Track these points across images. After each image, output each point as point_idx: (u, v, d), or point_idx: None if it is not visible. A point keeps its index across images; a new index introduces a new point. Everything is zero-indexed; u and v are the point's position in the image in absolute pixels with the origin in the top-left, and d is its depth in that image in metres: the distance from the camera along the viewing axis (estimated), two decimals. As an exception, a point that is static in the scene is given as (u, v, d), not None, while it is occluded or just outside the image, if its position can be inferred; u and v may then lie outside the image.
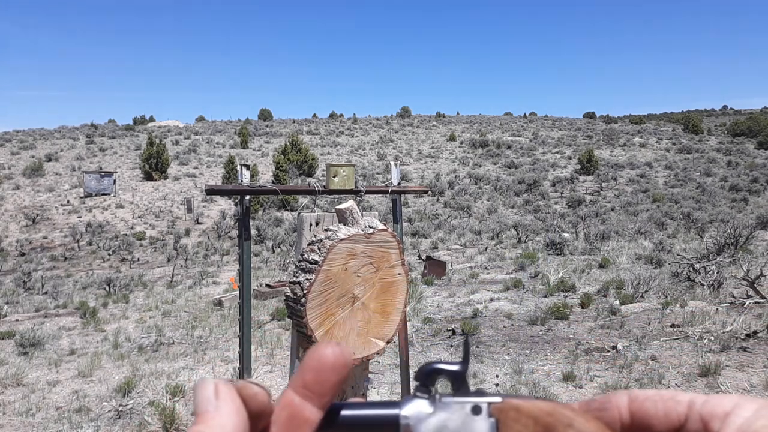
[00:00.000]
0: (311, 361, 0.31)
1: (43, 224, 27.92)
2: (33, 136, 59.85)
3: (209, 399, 0.29)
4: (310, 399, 0.31)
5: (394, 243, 2.30)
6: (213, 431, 0.28)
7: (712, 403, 0.30)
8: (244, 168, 2.83)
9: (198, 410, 0.29)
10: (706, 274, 9.56)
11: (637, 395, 0.33)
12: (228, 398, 0.30)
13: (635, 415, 0.32)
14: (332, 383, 0.31)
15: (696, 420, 0.30)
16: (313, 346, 0.33)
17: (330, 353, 0.31)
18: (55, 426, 5.27)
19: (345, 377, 0.32)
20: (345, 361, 0.31)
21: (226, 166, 34.85)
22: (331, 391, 0.31)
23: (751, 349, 6.24)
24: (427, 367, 0.35)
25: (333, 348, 0.31)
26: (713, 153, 46.91)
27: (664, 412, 0.31)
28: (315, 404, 0.31)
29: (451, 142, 56.82)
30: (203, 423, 0.29)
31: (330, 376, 0.31)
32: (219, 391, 0.30)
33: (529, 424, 0.32)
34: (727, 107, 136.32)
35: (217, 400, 0.29)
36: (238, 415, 0.29)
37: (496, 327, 8.07)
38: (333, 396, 0.32)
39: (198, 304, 11.42)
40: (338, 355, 0.31)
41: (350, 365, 0.32)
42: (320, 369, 0.31)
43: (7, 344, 8.61)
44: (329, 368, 0.31)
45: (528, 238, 19.60)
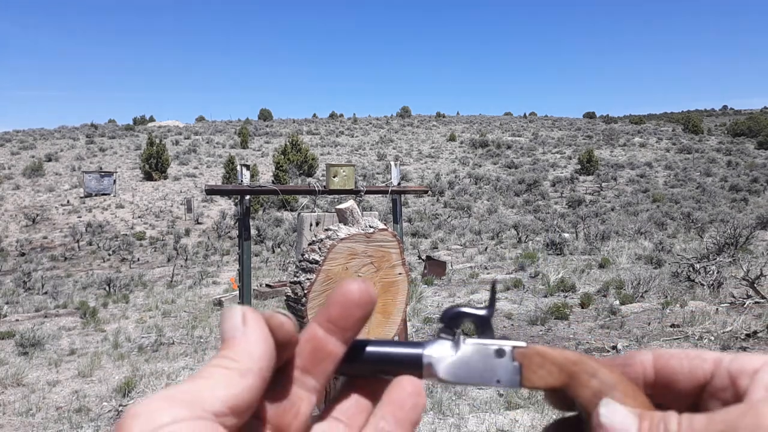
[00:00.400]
0: (337, 296, 0.32)
1: (43, 224, 27.92)
2: (33, 136, 59.85)
3: (236, 326, 0.29)
4: (334, 333, 0.31)
5: (395, 243, 2.30)
6: (240, 356, 0.28)
7: (741, 361, 0.30)
8: (244, 168, 2.83)
9: (225, 336, 0.29)
10: (706, 274, 9.56)
11: (662, 353, 0.33)
12: (256, 325, 0.29)
13: (660, 372, 0.32)
14: (357, 318, 0.31)
15: (723, 377, 0.30)
16: (339, 283, 0.33)
17: (356, 289, 0.31)
18: (55, 426, 5.26)
19: (369, 314, 0.32)
20: (370, 297, 0.32)
21: (226, 166, 34.85)
22: (355, 326, 0.31)
23: (751, 349, 6.24)
24: (452, 310, 0.35)
25: (359, 284, 0.32)
26: (713, 153, 46.92)
27: (689, 368, 0.31)
28: (339, 338, 0.31)
29: (451, 142, 56.84)
30: (230, 348, 0.29)
31: (355, 311, 0.31)
32: (246, 318, 0.30)
33: (553, 371, 0.32)
34: (727, 107, 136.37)
35: (245, 327, 0.29)
36: (265, 342, 0.29)
37: (496, 327, 8.05)
38: (357, 331, 0.32)
39: (198, 304, 11.42)
40: (364, 291, 0.31)
41: (375, 302, 0.32)
42: (346, 304, 0.31)
43: (7, 344, 8.61)
44: (354, 303, 0.31)
45: (528, 238, 19.60)
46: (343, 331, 0.31)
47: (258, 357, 0.28)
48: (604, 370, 0.32)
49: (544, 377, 0.32)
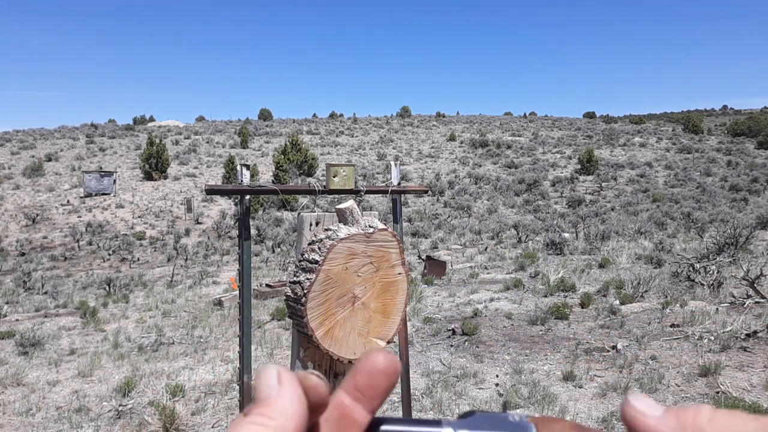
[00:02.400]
0: (364, 365, 0.32)
1: (43, 224, 27.91)
2: (33, 136, 59.84)
3: (272, 385, 0.30)
4: (360, 401, 0.31)
5: (395, 243, 2.30)
6: (275, 415, 0.29)
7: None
8: (244, 168, 2.83)
9: (260, 395, 0.30)
10: (706, 274, 9.56)
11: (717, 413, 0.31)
12: (290, 385, 0.30)
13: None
14: (383, 388, 0.32)
15: None
16: (365, 352, 0.33)
17: (382, 359, 0.32)
18: (55, 426, 5.27)
19: (394, 384, 0.32)
20: (396, 368, 0.32)
21: (226, 166, 34.84)
22: (381, 396, 0.32)
23: (751, 349, 6.24)
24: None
25: (385, 354, 0.32)
26: (713, 153, 46.91)
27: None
28: (365, 407, 0.32)
29: (451, 142, 56.82)
30: (266, 407, 0.29)
31: (381, 381, 0.32)
32: (282, 377, 0.30)
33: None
34: (727, 107, 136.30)
35: (280, 386, 0.30)
36: (299, 403, 0.30)
37: (496, 327, 8.06)
38: (382, 400, 0.32)
39: (198, 304, 11.42)
40: (390, 362, 0.32)
41: (399, 373, 0.32)
42: (373, 373, 0.32)
43: (7, 344, 8.61)
44: (381, 373, 0.32)
45: (528, 238, 19.60)
46: (369, 400, 0.32)
47: (292, 416, 0.29)
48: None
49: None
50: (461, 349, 7.02)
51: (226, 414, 5.37)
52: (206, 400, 5.70)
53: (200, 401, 5.68)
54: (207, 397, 5.81)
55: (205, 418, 5.29)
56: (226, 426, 5.10)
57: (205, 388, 6.04)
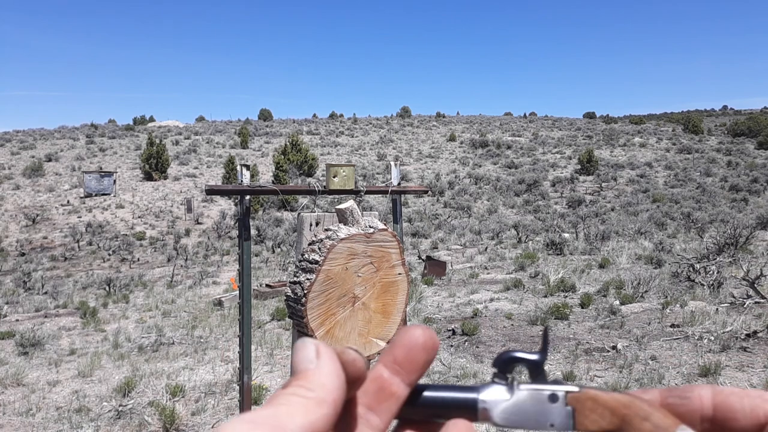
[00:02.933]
0: (403, 338, 0.33)
1: (43, 224, 27.91)
2: (33, 136, 59.84)
3: (310, 358, 0.30)
4: (399, 374, 0.32)
5: (395, 243, 2.30)
6: (314, 387, 0.29)
7: None
8: (244, 168, 2.83)
9: (297, 368, 0.30)
10: (706, 274, 9.56)
11: (722, 389, 0.33)
12: (329, 359, 0.30)
13: (718, 408, 0.32)
14: (422, 362, 0.32)
15: None
16: (404, 327, 0.34)
17: (421, 333, 0.33)
18: (55, 426, 5.27)
19: (433, 358, 0.33)
20: (434, 342, 0.33)
21: (226, 166, 34.84)
22: (420, 370, 0.32)
23: (751, 349, 6.24)
24: (506, 355, 0.35)
25: (424, 329, 0.33)
26: (713, 153, 46.91)
27: (750, 407, 0.31)
28: (403, 380, 0.32)
29: (451, 142, 56.82)
30: (305, 379, 0.29)
31: (420, 354, 0.32)
32: (320, 351, 0.30)
33: (605, 415, 0.32)
34: (727, 107, 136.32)
35: (318, 360, 0.30)
36: (337, 376, 0.30)
37: (496, 327, 8.06)
38: (420, 374, 0.33)
39: (198, 304, 11.42)
40: (428, 336, 0.33)
41: (437, 347, 0.33)
42: (412, 347, 0.32)
43: (7, 344, 8.61)
44: (420, 347, 0.32)
45: (528, 238, 19.60)
46: (408, 373, 0.32)
47: (331, 389, 0.29)
48: (657, 414, 0.32)
49: (597, 421, 0.33)
50: (461, 349, 7.02)
51: (226, 414, 5.37)
52: (206, 400, 5.70)
53: (200, 401, 5.68)
54: (207, 397, 5.80)
55: (205, 418, 5.29)
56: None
57: (205, 388, 6.04)
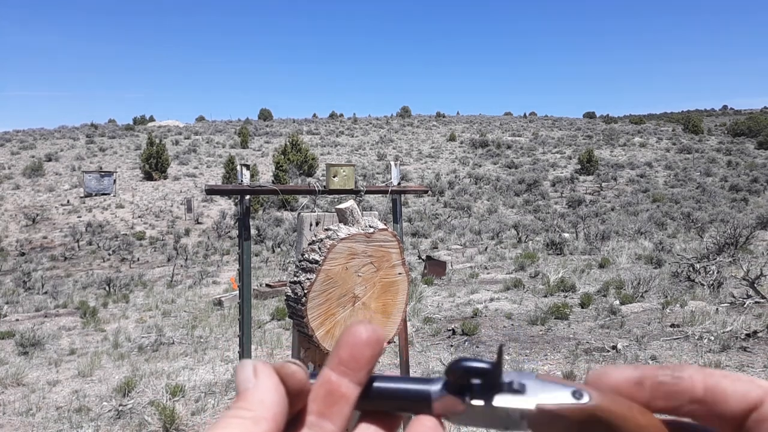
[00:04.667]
0: (346, 338, 0.33)
1: (43, 224, 27.91)
2: (33, 136, 59.86)
3: (248, 378, 0.31)
4: (346, 375, 0.32)
5: (395, 242, 2.30)
6: (253, 406, 0.30)
7: None
8: (244, 168, 2.83)
9: (239, 389, 0.31)
10: (706, 274, 9.57)
11: (713, 372, 0.32)
12: (265, 376, 0.31)
13: (710, 390, 0.32)
14: (367, 358, 0.32)
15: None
16: (346, 326, 0.34)
17: (363, 330, 0.33)
18: (55, 426, 5.27)
19: (379, 353, 0.33)
20: (378, 336, 0.33)
21: (226, 166, 34.85)
22: (366, 367, 0.32)
23: (751, 349, 6.24)
24: (457, 365, 0.34)
25: (365, 325, 0.33)
26: (713, 153, 46.91)
27: (742, 391, 0.31)
28: (352, 380, 0.32)
29: (451, 142, 56.83)
30: (243, 400, 0.30)
31: (364, 351, 0.32)
32: (257, 370, 0.31)
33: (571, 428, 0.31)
34: (727, 107, 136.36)
35: (256, 379, 0.31)
36: (276, 391, 0.30)
37: (496, 327, 8.07)
38: (368, 371, 0.33)
39: (198, 304, 11.42)
40: (371, 332, 0.33)
41: (383, 341, 0.33)
42: (354, 344, 0.32)
43: (7, 344, 8.61)
44: (363, 343, 0.32)
45: (528, 238, 19.60)
46: (354, 372, 0.32)
47: (269, 405, 0.30)
48: (629, 421, 0.31)
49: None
50: (461, 349, 7.02)
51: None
52: (206, 400, 5.70)
53: (200, 401, 5.68)
54: (207, 397, 5.81)
55: (205, 418, 5.29)
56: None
57: (205, 388, 6.04)
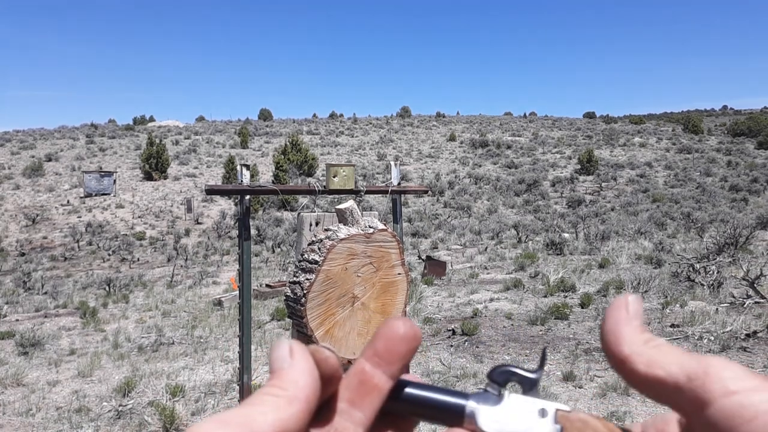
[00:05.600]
0: (383, 330, 0.33)
1: (43, 224, 27.92)
2: (33, 136, 59.87)
3: (284, 357, 0.31)
4: (380, 366, 0.32)
5: (394, 243, 2.30)
6: (288, 386, 0.30)
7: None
8: (244, 168, 2.83)
9: (273, 367, 0.31)
10: (706, 274, 9.57)
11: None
12: (302, 357, 0.31)
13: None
14: (402, 353, 0.33)
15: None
16: (385, 320, 0.35)
17: (401, 324, 0.33)
18: (55, 426, 5.27)
19: (414, 349, 0.33)
20: (415, 333, 0.33)
21: (226, 166, 34.85)
22: (401, 361, 0.33)
23: (751, 349, 6.24)
24: (501, 368, 0.35)
25: (404, 321, 0.33)
26: (713, 153, 46.92)
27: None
28: (385, 372, 0.32)
29: (451, 142, 56.83)
30: (279, 378, 0.30)
31: (400, 345, 0.32)
32: (293, 350, 0.31)
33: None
34: (727, 107, 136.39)
35: (292, 359, 0.31)
36: (310, 374, 0.31)
37: (496, 327, 8.07)
38: (403, 366, 0.33)
39: (198, 304, 11.42)
40: (409, 327, 0.33)
41: (419, 338, 0.33)
42: (391, 338, 0.32)
43: (7, 344, 8.62)
44: (399, 338, 0.33)
45: (528, 238, 19.60)
46: (388, 364, 0.32)
47: (303, 386, 0.30)
48: None
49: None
50: (461, 349, 7.02)
51: (226, 414, 5.36)
52: (206, 400, 5.70)
53: (200, 401, 5.69)
54: (207, 397, 5.81)
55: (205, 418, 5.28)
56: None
57: (205, 388, 6.04)
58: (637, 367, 0.30)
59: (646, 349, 0.31)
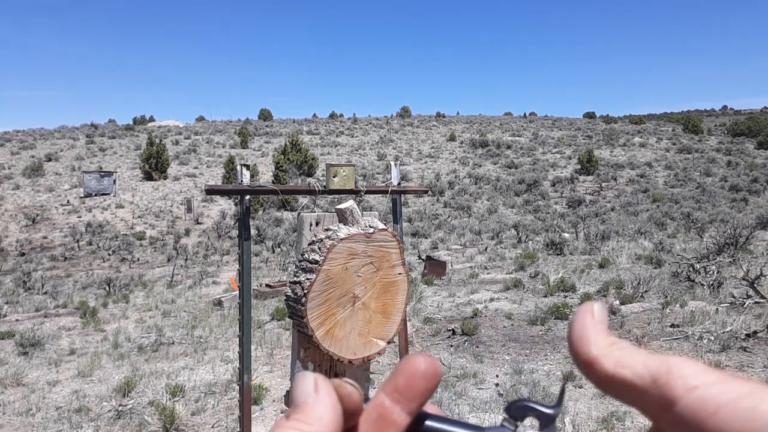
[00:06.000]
0: (405, 367, 0.33)
1: (43, 224, 27.91)
2: (33, 136, 59.87)
3: (308, 392, 0.31)
4: (399, 402, 0.32)
5: (395, 243, 2.30)
6: (312, 421, 0.30)
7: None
8: (244, 168, 2.83)
9: (297, 401, 0.31)
10: (706, 274, 9.57)
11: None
12: (326, 393, 0.31)
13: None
14: (422, 390, 0.32)
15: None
16: (406, 355, 0.34)
17: (422, 361, 0.33)
18: (55, 426, 5.27)
19: (434, 387, 0.33)
20: (436, 371, 0.33)
21: (226, 166, 34.85)
22: (421, 398, 0.33)
23: (751, 349, 6.24)
24: (519, 403, 0.35)
25: (425, 357, 0.33)
26: (713, 153, 46.92)
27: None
28: (404, 408, 0.32)
29: (451, 142, 56.83)
30: (303, 413, 0.30)
31: (421, 383, 0.32)
32: (318, 385, 0.31)
33: None
34: (727, 107, 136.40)
35: (317, 394, 0.31)
36: (334, 409, 0.31)
37: (496, 327, 8.07)
38: (422, 403, 0.33)
39: (198, 304, 11.42)
40: (430, 364, 0.33)
41: (440, 376, 0.33)
42: (412, 375, 0.32)
43: (7, 344, 8.62)
44: (420, 375, 0.32)
45: (528, 238, 19.60)
46: (408, 401, 0.32)
47: (328, 422, 0.30)
48: None
49: None
50: (461, 349, 7.02)
51: (226, 414, 5.37)
52: (206, 400, 5.70)
53: (200, 401, 5.68)
54: (207, 397, 5.81)
55: (205, 418, 5.29)
56: (226, 426, 5.10)
57: (205, 388, 6.04)
58: (604, 368, 0.31)
59: (613, 350, 0.31)
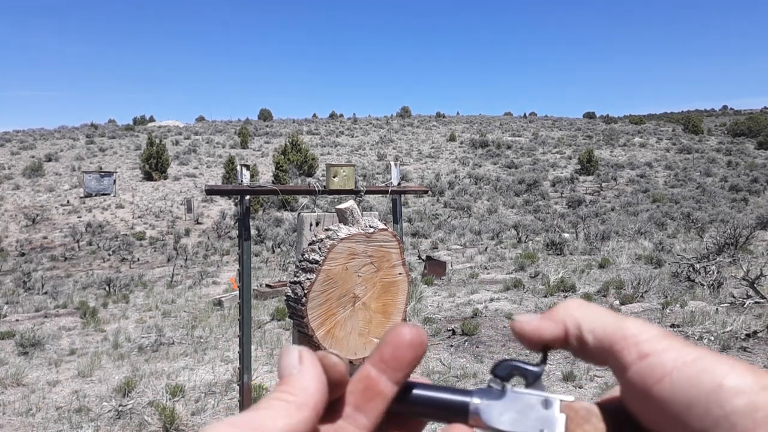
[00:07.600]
0: (390, 337, 0.33)
1: (43, 224, 27.91)
2: (33, 136, 59.88)
3: (293, 364, 0.32)
4: (385, 372, 0.33)
5: (395, 243, 2.30)
6: (297, 391, 0.31)
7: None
8: (244, 168, 2.83)
9: (283, 373, 0.32)
10: (706, 274, 9.57)
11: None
12: (311, 364, 0.32)
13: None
14: (408, 360, 0.33)
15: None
16: (392, 325, 0.34)
17: (408, 331, 0.33)
18: (55, 426, 5.27)
19: (421, 356, 0.33)
20: (421, 340, 0.33)
21: (226, 166, 34.85)
22: (407, 368, 0.33)
23: (751, 349, 6.24)
24: (505, 363, 0.35)
25: (411, 327, 0.34)
26: (713, 153, 46.92)
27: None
28: (390, 378, 0.33)
29: (451, 142, 56.84)
30: (288, 384, 0.31)
31: (406, 352, 0.33)
32: (303, 357, 0.32)
33: (600, 428, 0.32)
34: (727, 107, 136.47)
35: (301, 365, 0.32)
36: (319, 380, 0.31)
37: (496, 327, 8.06)
38: (408, 372, 0.33)
39: (198, 304, 11.42)
40: (415, 334, 0.33)
41: (426, 345, 0.34)
42: (398, 345, 0.33)
43: (7, 344, 8.61)
44: (406, 345, 0.33)
45: (528, 238, 19.60)
46: (394, 371, 0.33)
47: (313, 392, 0.31)
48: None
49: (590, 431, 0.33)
50: (461, 350, 7.02)
51: (226, 414, 5.36)
52: (206, 400, 5.70)
53: (200, 401, 5.68)
54: (207, 397, 5.81)
55: (205, 418, 5.29)
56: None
57: (205, 388, 6.04)
58: (571, 333, 0.32)
59: (573, 311, 0.33)
